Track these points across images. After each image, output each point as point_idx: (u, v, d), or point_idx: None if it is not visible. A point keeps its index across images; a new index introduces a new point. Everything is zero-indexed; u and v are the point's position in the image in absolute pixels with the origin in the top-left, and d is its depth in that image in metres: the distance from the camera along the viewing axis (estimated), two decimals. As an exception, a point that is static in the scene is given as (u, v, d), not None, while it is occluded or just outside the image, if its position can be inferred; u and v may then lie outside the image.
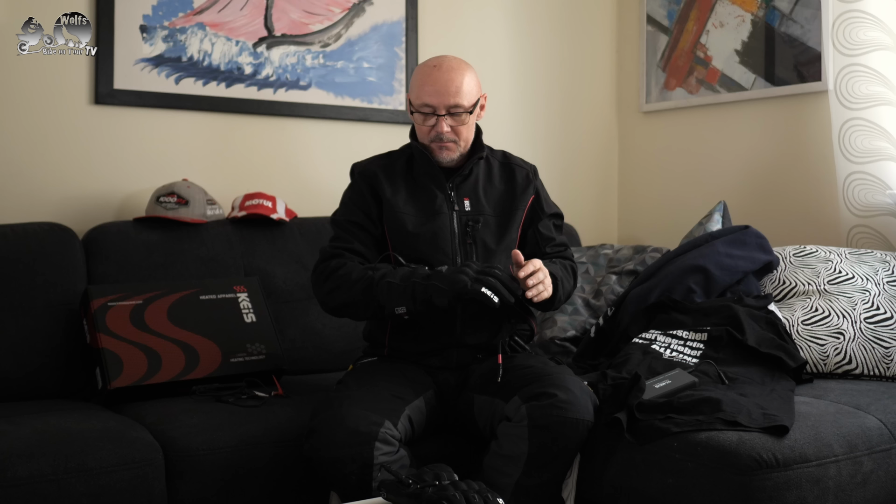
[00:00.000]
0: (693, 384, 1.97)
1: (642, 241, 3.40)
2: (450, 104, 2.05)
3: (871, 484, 1.76)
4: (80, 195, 2.61)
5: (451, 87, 2.05)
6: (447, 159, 2.12)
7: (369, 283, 1.96)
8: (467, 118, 2.09)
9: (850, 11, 2.65)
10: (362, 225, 2.11)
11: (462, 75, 2.07)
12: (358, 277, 1.99)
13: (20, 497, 1.67)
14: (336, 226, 2.15)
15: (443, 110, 2.06)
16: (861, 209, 2.66)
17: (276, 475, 1.94)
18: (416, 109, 2.09)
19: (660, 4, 3.40)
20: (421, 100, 2.07)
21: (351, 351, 2.44)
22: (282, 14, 2.90)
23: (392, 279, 1.94)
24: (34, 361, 2.25)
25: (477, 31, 3.28)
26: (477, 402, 1.99)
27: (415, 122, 2.14)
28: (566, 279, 2.15)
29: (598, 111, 3.57)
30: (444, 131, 2.07)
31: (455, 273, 1.91)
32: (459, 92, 2.05)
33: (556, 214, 2.28)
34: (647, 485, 1.79)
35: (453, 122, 2.07)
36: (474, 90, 2.10)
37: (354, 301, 1.99)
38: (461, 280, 1.88)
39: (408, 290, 1.92)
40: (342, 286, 2.00)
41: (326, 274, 2.05)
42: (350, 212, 2.14)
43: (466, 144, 2.14)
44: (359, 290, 1.98)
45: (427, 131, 2.10)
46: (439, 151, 2.11)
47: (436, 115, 2.07)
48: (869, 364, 2.20)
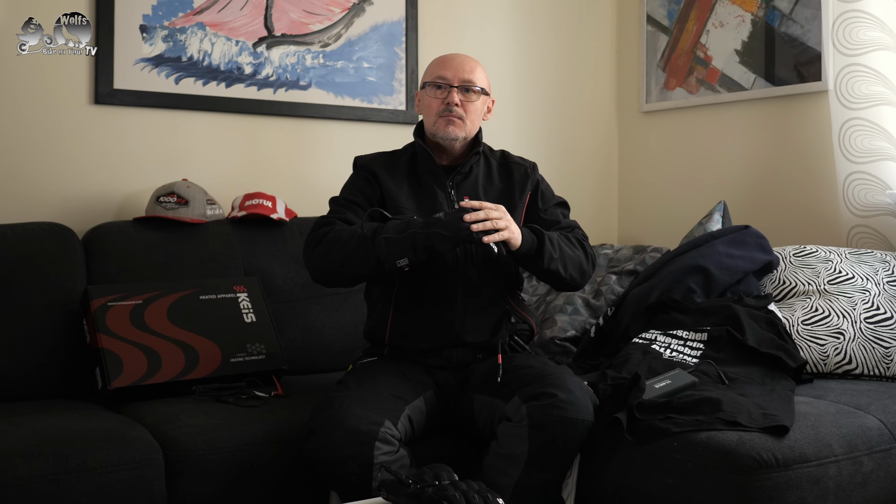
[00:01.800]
0: (693, 384, 1.97)
1: (642, 241, 3.40)
2: (464, 79, 2.13)
3: (871, 484, 1.76)
4: (80, 195, 2.61)
5: (466, 65, 2.15)
6: (452, 135, 2.12)
7: (362, 241, 1.95)
8: (476, 99, 2.14)
9: (850, 11, 2.65)
10: (360, 204, 2.12)
11: (477, 64, 2.19)
12: (349, 237, 1.98)
13: (20, 497, 1.67)
14: (333, 202, 2.15)
15: (456, 82, 2.13)
16: (861, 209, 2.66)
17: (276, 475, 1.94)
18: (430, 82, 2.15)
19: (660, 4, 3.40)
20: (436, 73, 2.15)
21: (351, 351, 2.44)
22: (282, 14, 2.90)
23: (388, 234, 1.93)
24: (34, 361, 2.25)
25: (477, 30, 3.28)
26: (477, 401, 1.99)
27: (425, 100, 2.16)
28: (565, 244, 2.10)
29: (598, 111, 3.57)
30: (455, 101, 2.11)
31: (455, 219, 1.91)
32: (474, 72, 2.15)
33: (561, 203, 2.27)
34: (647, 485, 1.79)
35: (464, 97, 2.13)
36: (486, 82, 2.19)
37: (348, 260, 1.97)
38: (463, 226, 1.89)
39: (407, 241, 1.91)
40: (334, 247, 1.99)
41: (316, 240, 2.04)
42: (350, 192, 2.15)
43: (472, 128, 2.16)
44: (352, 248, 1.96)
45: (438, 104, 2.13)
46: (445, 126, 2.12)
47: (449, 87, 2.13)
48: (869, 364, 2.20)
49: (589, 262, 2.16)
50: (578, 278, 2.13)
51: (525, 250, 2.00)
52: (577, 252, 2.13)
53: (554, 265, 2.05)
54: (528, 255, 2.01)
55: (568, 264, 2.09)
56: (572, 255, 2.11)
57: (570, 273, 2.09)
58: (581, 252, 2.14)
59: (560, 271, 2.07)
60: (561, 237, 2.11)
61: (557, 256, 2.05)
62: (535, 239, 2.02)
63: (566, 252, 2.09)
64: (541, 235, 2.03)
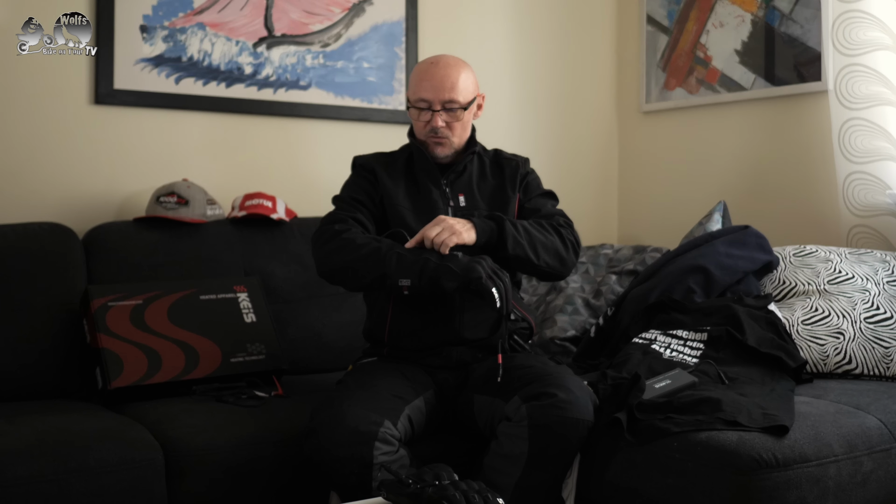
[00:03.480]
0: (693, 384, 1.97)
1: (642, 241, 3.40)
2: (445, 99, 2.08)
3: (870, 484, 1.76)
4: (81, 195, 2.61)
5: (446, 82, 2.08)
6: (441, 155, 2.15)
7: (375, 250, 1.95)
8: (462, 114, 2.11)
9: (850, 11, 2.65)
10: (364, 203, 2.13)
11: (458, 72, 2.10)
12: (363, 242, 1.98)
13: (20, 497, 1.67)
14: (339, 200, 2.16)
15: (438, 105, 2.09)
16: (861, 209, 2.66)
17: (276, 475, 1.94)
18: (413, 105, 2.13)
19: (660, 4, 3.40)
20: (417, 95, 2.11)
21: (351, 351, 2.44)
22: (282, 14, 2.90)
23: (402, 252, 1.93)
24: (34, 361, 2.25)
25: (477, 30, 3.28)
26: (477, 401, 1.99)
27: (411, 118, 2.17)
28: (535, 230, 2.05)
29: (598, 111, 3.57)
30: (439, 126, 2.09)
31: (472, 262, 1.89)
32: (455, 88, 2.08)
33: (546, 193, 2.24)
34: (647, 485, 1.79)
35: (448, 117, 2.10)
36: (471, 88, 2.13)
37: (355, 265, 1.97)
38: (477, 270, 1.87)
39: (417, 265, 1.90)
40: (346, 248, 1.98)
41: (329, 235, 2.03)
42: (353, 190, 2.16)
43: (461, 141, 2.16)
44: (363, 254, 1.95)
45: (422, 126, 2.13)
46: (433, 147, 2.14)
47: (431, 111, 2.10)
48: (869, 364, 2.20)
49: (568, 249, 2.10)
50: (556, 265, 2.07)
51: (485, 240, 1.99)
52: (550, 237, 2.07)
53: (521, 251, 2.00)
54: (490, 243, 1.99)
55: (539, 250, 2.03)
56: (543, 241, 2.05)
57: (543, 259, 2.04)
58: (556, 237, 2.08)
59: (530, 257, 2.02)
60: (532, 223, 2.08)
61: (525, 241, 2.01)
62: (493, 227, 2.00)
63: (535, 237, 2.04)
64: (500, 221, 2.01)
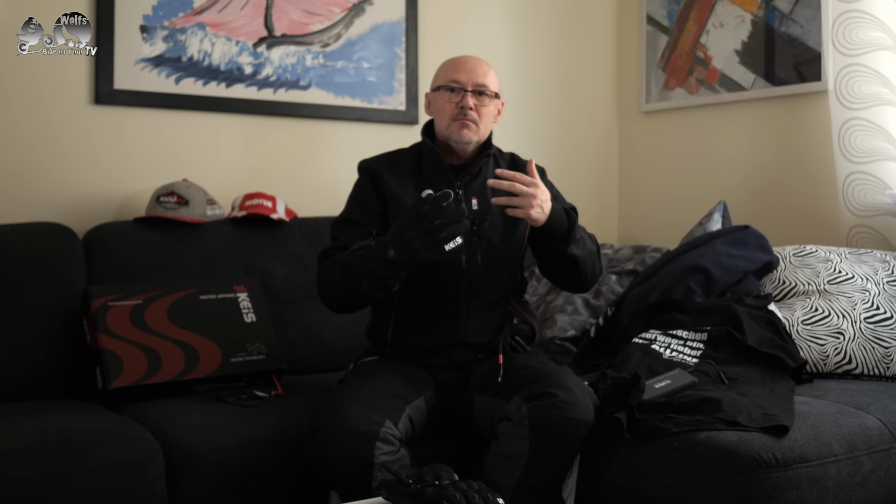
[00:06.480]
0: (693, 384, 1.97)
1: (642, 240, 3.40)
2: (477, 83, 2.14)
3: (870, 484, 1.76)
4: (81, 195, 2.61)
5: (479, 69, 2.16)
6: (465, 139, 2.12)
7: (346, 268, 1.95)
8: (489, 103, 2.15)
9: (850, 11, 2.65)
10: (357, 221, 2.11)
11: (489, 67, 2.20)
12: (337, 269, 1.98)
13: (20, 497, 1.67)
14: (333, 227, 2.16)
15: (470, 86, 2.13)
16: (861, 209, 2.66)
17: (277, 475, 1.94)
18: (444, 86, 2.14)
19: (660, 4, 3.40)
20: (449, 77, 2.15)
21: (351, 351, 2.44)
22: (282, 14, 2.90)
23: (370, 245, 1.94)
24: (34, 361, 2.25)
25: (477, 30, 3.28)
26: (477, 401, 1.99)
27: (438, 103, 2.15)
28: (587, 238, 2.14)
29: (598, 111, 3.57)
30: (470, 104, 2.11)
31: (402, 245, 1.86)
32: (487, 76, 2.16)
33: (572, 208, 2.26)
34: (647, 485, 1.79)
35: (477, 101, 2.13)
36: (497, 85, 2.19)
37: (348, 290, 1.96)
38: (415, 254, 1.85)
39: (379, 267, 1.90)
40: (332, 280, 2.00)
41: (319, 280, 2.07)
42: (350, 209, 2.16)
43: (484, 133, 2.16)
44: (342, 279, 1.96)
45: (452, 108, 2.13)
46: (459, 130, 2.12)
47: (463, 91, 2.13)
48: (869, 364, 2.20)
49: (596, 271, 2.19)
50: (589, 275, 2.15)
51: (551, 228, 2.00)
52: (593, 251, 2.16)
53: (578, 250, 2.07)
54: (550, 233, 2.01)
55: (587, 258, 2.11)
56: (591, 251, 2.15)
57: (584, 266, 2.11)
58: (596, 252, 2.18)
59: (580, 259, 2.08)
60: (585, 231, 2.15)
61: (580, 245, 2.08)
62: (565, 223, 2.03)
63: (588, 245, 2.13)
64: (573, 218, 2.05)
